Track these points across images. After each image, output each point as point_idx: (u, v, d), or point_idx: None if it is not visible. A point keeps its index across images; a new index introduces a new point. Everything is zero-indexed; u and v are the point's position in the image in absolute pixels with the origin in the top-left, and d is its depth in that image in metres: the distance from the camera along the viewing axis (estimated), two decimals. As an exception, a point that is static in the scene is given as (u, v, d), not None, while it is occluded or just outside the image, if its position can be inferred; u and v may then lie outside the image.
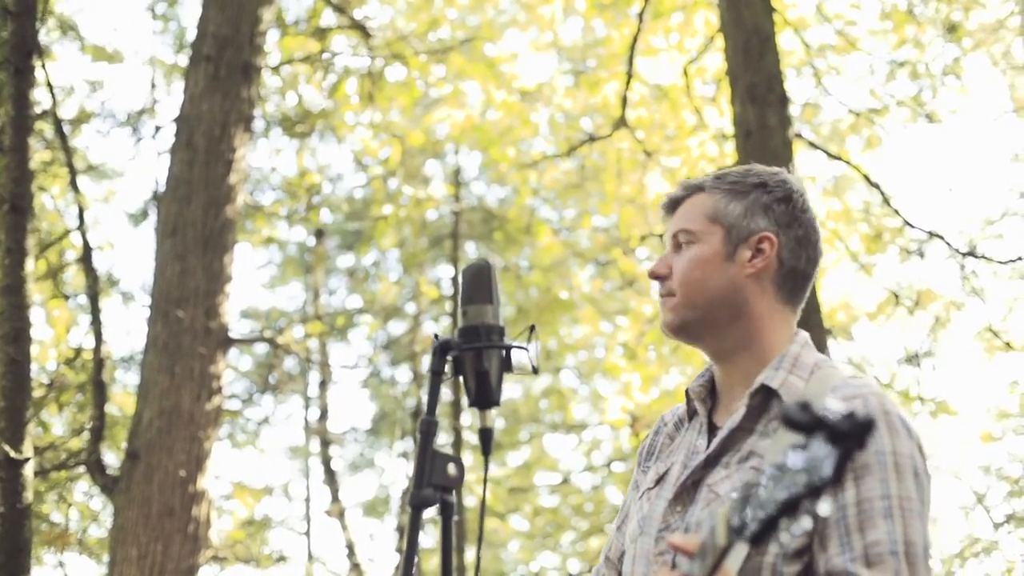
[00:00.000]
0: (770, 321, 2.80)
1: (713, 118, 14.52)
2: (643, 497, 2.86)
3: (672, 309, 2.83)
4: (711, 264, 2.79)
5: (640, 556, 2.74)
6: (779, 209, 2.82)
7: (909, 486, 2.52)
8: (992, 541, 20.03)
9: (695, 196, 2.88)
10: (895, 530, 2.46)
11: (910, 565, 2.44)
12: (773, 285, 2.80)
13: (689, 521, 2.66)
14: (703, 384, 2.89)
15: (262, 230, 15.74)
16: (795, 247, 2.82)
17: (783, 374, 2.71)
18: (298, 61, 13.81)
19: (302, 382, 19.94)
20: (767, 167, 2.90)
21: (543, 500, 22.65)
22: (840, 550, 2.45)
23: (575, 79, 16.83)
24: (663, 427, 3.02)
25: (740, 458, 2.66)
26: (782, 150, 9.89)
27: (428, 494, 2.55)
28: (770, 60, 10.26)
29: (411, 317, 20.51)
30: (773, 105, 10.05)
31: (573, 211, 19.52)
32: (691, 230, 2.83)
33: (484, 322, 2.72)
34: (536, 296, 19.86)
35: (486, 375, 2.69)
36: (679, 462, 2.81)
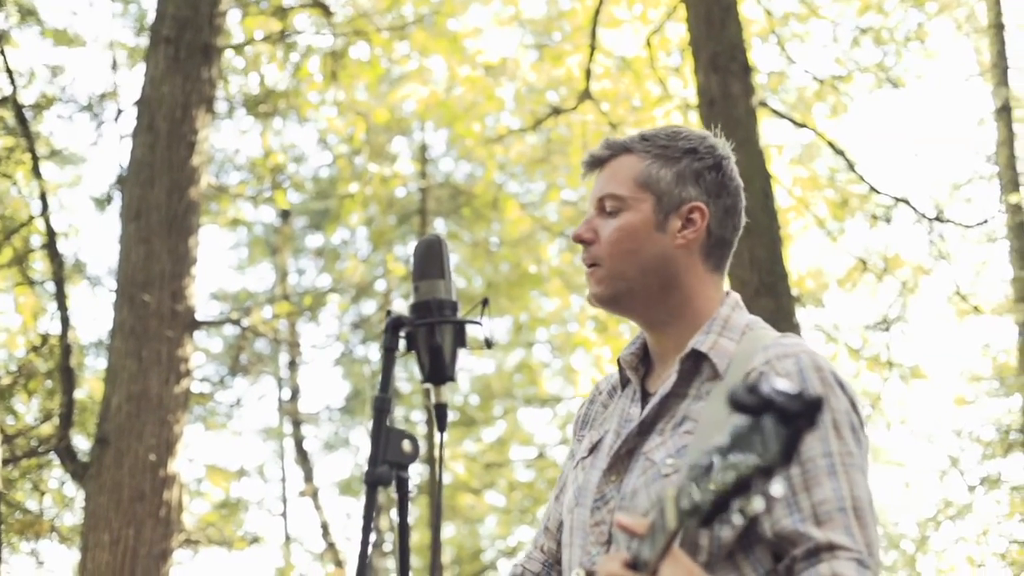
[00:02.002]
0: (701, 289, 2.76)
1: (677, 88, 14.52)
2: (578, 466, 2.83)
3: (600, 281, 2.77)
4: (641, 234, 2.73)
5: (577, 527, 2.73)
6: (710, 177, 2.76)
7: (848, 442, 2.51)
8: (966, 504, 20.14)
9: (622, 157, 2.79)
10: (841, 487, 2.45)
11: (858, 519, 2.44)
12: (701, 255, 2.76)
13: (624, 490, 2.63)
14: (635, 352, 2.85)
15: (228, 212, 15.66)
16: (723, 217, 2.77)
17: (713, 337, 2.69)
18: (260, 41, 13.73)
19: (273, 363, 19.93)
20: (695, 130, 2.83)
21: (519, 475, 22.70)
22: (788, 511, 2.44)
23: (539, 53, 16.80)
24: (598, 396, 2.99)
25: (674, 423, 2.64)
26: (746, 119, 9.91)
27: (383, 471, 2.54)
28: (732, 29, 10.27)
29: (381, 295, 20.50)
30: (736, 74, 10.06)
31: (540, 185, 19.52)
32: (620, 195, 2.75)
33: (436, 297, 2.70)
34: (505, 271, 19.88)
35: (439, 350, 2.67)
36: (612, 430, 2.79)
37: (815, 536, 2.41)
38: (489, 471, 22.02)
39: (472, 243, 19.85)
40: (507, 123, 17.15)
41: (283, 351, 19.81)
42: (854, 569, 2.39)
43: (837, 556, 2.40)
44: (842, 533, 2.42)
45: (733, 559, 2.50)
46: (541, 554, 3.01)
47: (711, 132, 2.85)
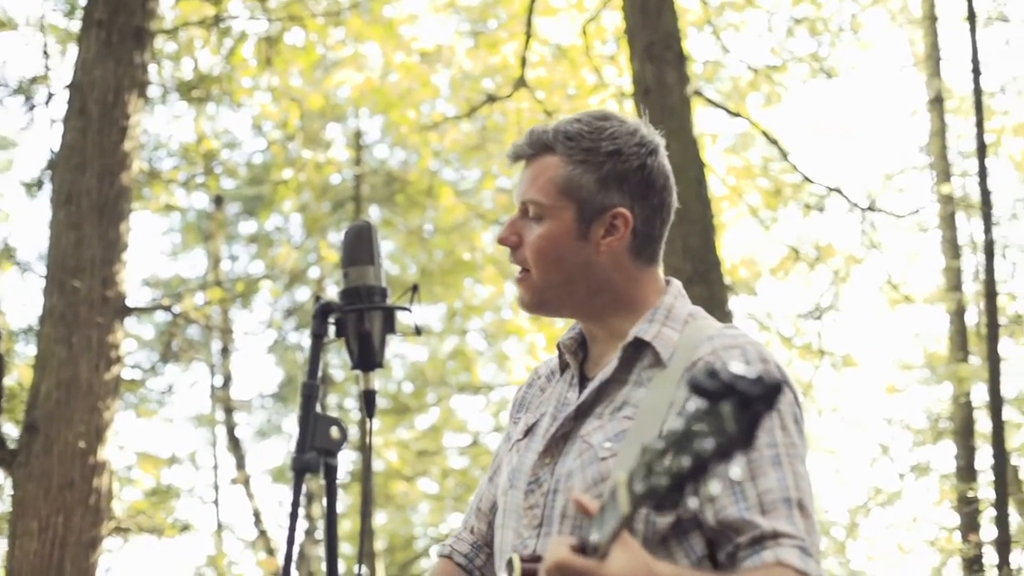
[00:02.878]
0: (633, 286, 2.75)
1: (612, 77, 14.54)
2: (513, 449, 2.83)
3: (528, 289, 2.76)
4: (563, 243, 2.70)
5: (510, 509, 2.73)
6: (635, 180, 2.72)
7: (792, 434, 2.53)
8: (896, 491, 20.32)
9: (545, 157, 2.74)
10: (785, 477, 2.47)
11: (801, 510, 2.46)
12: (630, 255, 2.74)
13: (559, 472, 2.64)
14: (574, 337, 2.86)
15: (160, 197, 15.53)
16: (649, 216, 2.74)
17: (656, 326, 2.69)
18: (193, 25, 13.62)
19: (205, 350, 19.81)
20: (623, 123, 2.77)
21: (452, 462, 22.71)
22: (734, 500, 2.45)
23: (474, 40, 16.78)
24: (536, 380, 2.99)
25: (613, 408, 2.64)
26: (680, 108, 9.94)
27: (311, 458, 2.53)
28: (668, 18, 10.28)
29: (314, 282, 20.42)
30: (671, 63, 10.08)
31: (475, 172, 19.52)
32: (541, 203, 2.72)
33: (366, 283, 2.69)
34: (439, 258, 19.86)
35: (368, 337, 2.66)
36: (548, 414, 2.79)
37: (760, 524, 2.42)
38: (422, 458, 22.01)
39: (406, 230, 19.82)
40: (442, 110, 17.13)
41: (215, 338, 19.69)
42: (797, 556, 2.40)
43: (781, 543, 2.41)
44: (785, 522, 2.43)
45: (666, 545, 2.51)
46: (471, 535, 3.02)
47: (641, 121, 2.80)
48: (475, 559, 2.99)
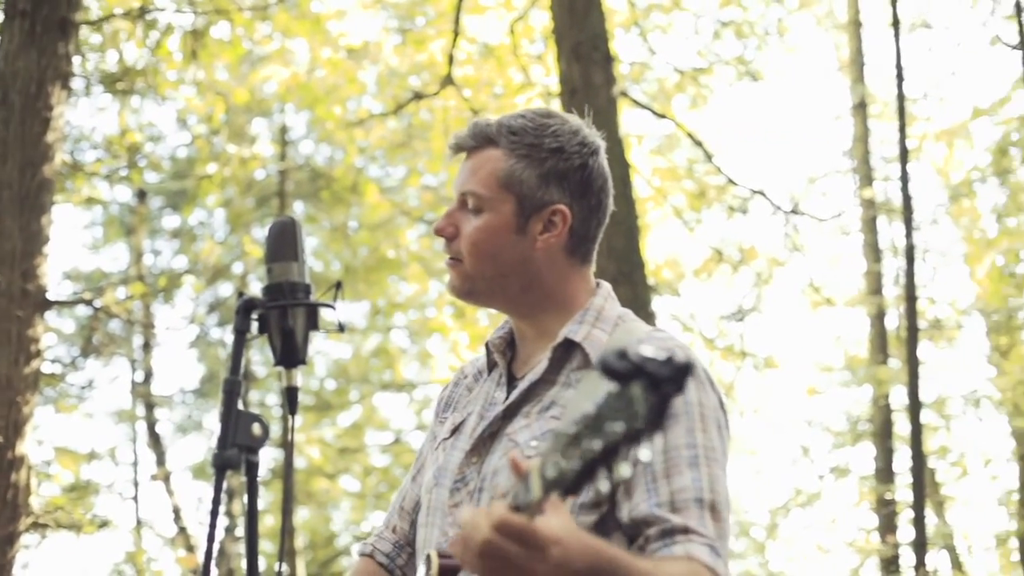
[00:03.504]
0: (565, 284, 2.76)
1: (540, 76, 14.56)
2: (439, 448, 2.83)
3: (460, 276, 2.76)
4: (500, 236, 2.71)
5: (435, 507, 2.72)
6: (575, 178, 2.73)
7: (713, 437, 2.54)
8: (815, 492, 20.48)
9: (487, 150, 2.75)
10: (700, 478, 2.47)
11: (713, 512, 2.46)
12: (565, 253, 2.74)
13: (485, 471, 2.64)
14: (503, 336, 2.85)
15: (83, 190, 15.36)
16: (587, 216, 2.75)
17: (587, 327, 2.70)
18: (119, 17, 13.49)
19: (126, 345, 19.63)
20: (566, 122, 2.77)
21: (374, 460, 22.66)
22: (647, 496, 2.46)
23: (402, 37, 16.73)
24: (463, 379, 2.98)
25: (541, 408, 2.65)
26: (607, 108, 9.96)
27: (232, 455, 2.51)
28: (595, 18, 10.31)
29: (238, 277, 20.31)
30: (598, 63, 10.11)
31: (401, 170, 19.46)
32: (481, 195, 2.72)
33: (289, 279, 2.68)
34: (364, 255, 19.80)
35: (292, 333, 2.65)
36: (475, 413, 2.79)
37: (671, 519, 2.43)
38: (344, 456, 21.94)
39: (331, 227, 19.74)
40: (368, 107, 17.08)
41: (137, 332, 19.52)
42: (707, 553, 2.40)
43: (691, 539, 2.41)
44: (696, 522, 2.43)
45: None
46: (392, 534, 3.00)
47: (584, 122, 2.80)
48: (397, 558, 2.97)
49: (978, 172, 19.82)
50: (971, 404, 19.94)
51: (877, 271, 19.36)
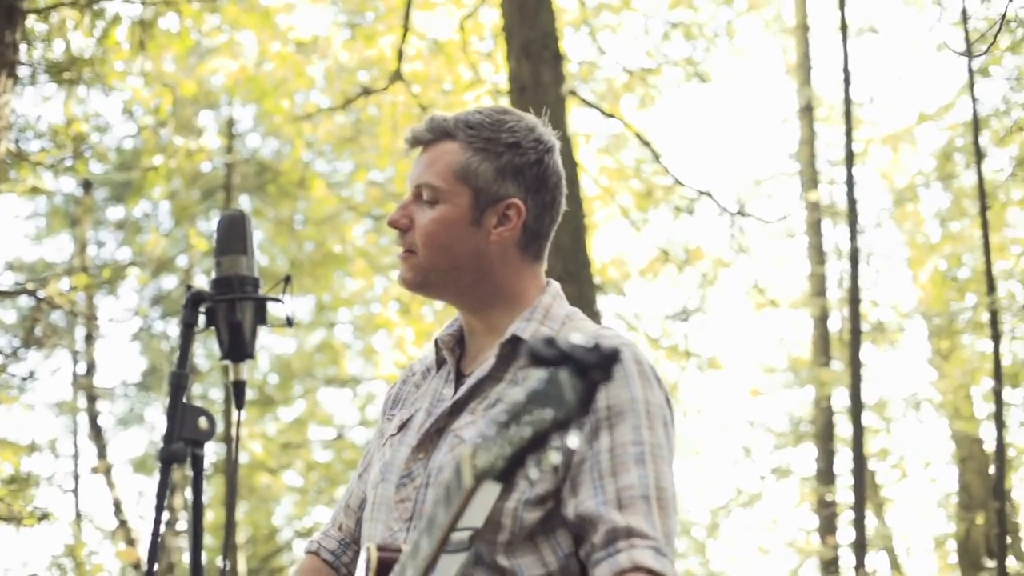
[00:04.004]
0: (517, 280, 2.77)
1: (489, 73, 14.55)
2: (386, 444, 2.83)
3: (412, 268, 2.76)
4: (455, 228, 2.72)
5: (381, 503, 2.72)
6: (530, 173, 2.75)
7: (660, 434, 2.55)
8: (757, 493, 20.58)
9: (444, 143, 2.76)
10: (647, 475, 2.48)
11: (660, 509, 2.47)
12: (517, 249, 2.76)
13: (431, 467, 2.65)
14: (452, 333, 2.86)
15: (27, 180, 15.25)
16: (541, 212, 2.77)
17: (535, 325, 2.71)
18: (66, 6, 13.39)
19: (69, 336, 19.49)
20: (522, 119, 2.79)
21: (317, 455, 22.59)
22: (593, 493, 2.47)
23: (351, 32, 16.69)
24: (411, 376, 2.98)
25: (487, 405, 2.65)
26: (556, 107, 9.98)
27: (178, 448, 2.50)
28: (545, 17, 10.33)
29: (182, 270, 20.20)
30: (548, 62, 10.13)
31: (348, 165, 19.42)
32: (437, 187, 2.73)
33: (238, 273, 2.67)
34: (310, 250, 19.75)
35: (239, 327, 2.65)
36: (423, 409, 2.79)
37: (615, 520, 2.44)
38: (287, 451, 21.87)
39: (277, 220, 19.67)
40: (317, 101, 17.03)
41: (80, 324, 19.38)
42: (652, 557, 2.41)
43: (635, 544, 2.42)
44: (643, 519, 2.44)
45: (534, 540, 2.52)
46: (338, 532, 3.00)
47: (539, 120, 2.82)
48: (342, 556, 2.97)
49: (922, 177, 19.97)
50: (912, 407, 20.09)
51: (821, 273, 19.47)
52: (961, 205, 19.54)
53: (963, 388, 19.17)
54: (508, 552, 2.50)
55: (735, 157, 25.71)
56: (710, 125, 27.55)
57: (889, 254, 20.67)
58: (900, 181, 20.54)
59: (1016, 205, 17.88)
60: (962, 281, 19.50)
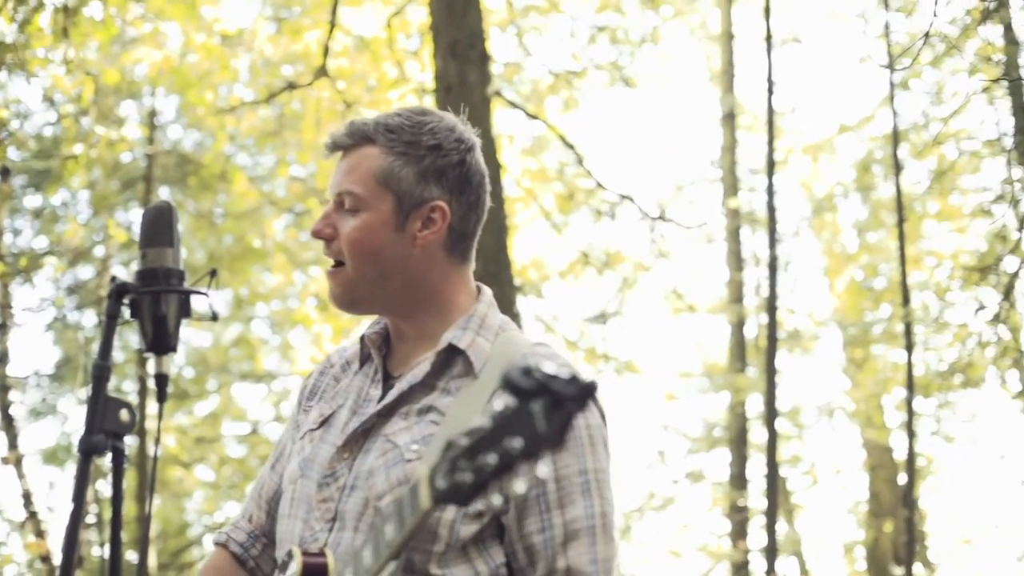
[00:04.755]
0: (446, 284, 2.76)
1: (414, 72, 14.53)
2: (304, 438, 2.81)
3: (341, 283, 2.75)
4: (380, 235, 2.70)
5: (300, 500, 2.70)
6: (453, 175, 2.74)
7: (601, 458, 2.58)
8: (670, 497, 20.71)
9: (364, 148, 2.74)
10: (593, 504, 2.52)
11: (604, 534, 2.52)
12: (444, 251, 2.75)
13: (359, 470, 2.63)
14: (379, 332, 2.85)
15: (-55, 164, 15.07)
16: (466, 212, 2.76)
17: (471, 335, 2.70)
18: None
19: (-18, 324, 19.28)
20: (442, 119, 2.79)
21: (230, 450, 22.46)
22: (540, 527, 2.50)
23: (277, 25, 16.61)
24: (329, 368, 2.97)
25: (419, 411, 2.64)
26: (481, 107, 9.98)
27: (99, 440, 2.47)
28: (473, 17, 10.33)
29: (99, 260, 20.02)
30: (474, 62, 10.13)
31: (270, 159, 19.32)
32: (359, 195, 2.71)
33: (164, 265, 2.65)
34: (229, 244, 19.63)
35: (164, 320, 2.62)
36: (347, 407, 2.78)
37: (558, 563, 2.48)
38: (200, 445, 21.72)
39: (197, 213, 19.53)
40: (240, 94, 16.92)
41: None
42: None
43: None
44: (585, 556, 2.49)
45: (467, 552, 2.53)
46: (248, 524, 2.98)
47: (459, 119, 2.82)
48: (251, 548, 2.95)
49: (841, 187, 20.18)
50: (825, 415, 20.29)
51: (739, 280, 19.62)
52: (879, 216, 19.77)
53: (875, 397, 19.40)
54: (441, 562, 2.51)
55: (657, 162, 25.89)
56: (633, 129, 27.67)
57: (806, 262, 20.89)
58: (819, 191, 20.74)
59: (932, 218, 18.10)
60: (877, 291, 19.73)
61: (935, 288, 17.72)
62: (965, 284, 15.76)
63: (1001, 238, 13.91)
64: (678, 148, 29.39)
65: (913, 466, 14.69)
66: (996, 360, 14.79)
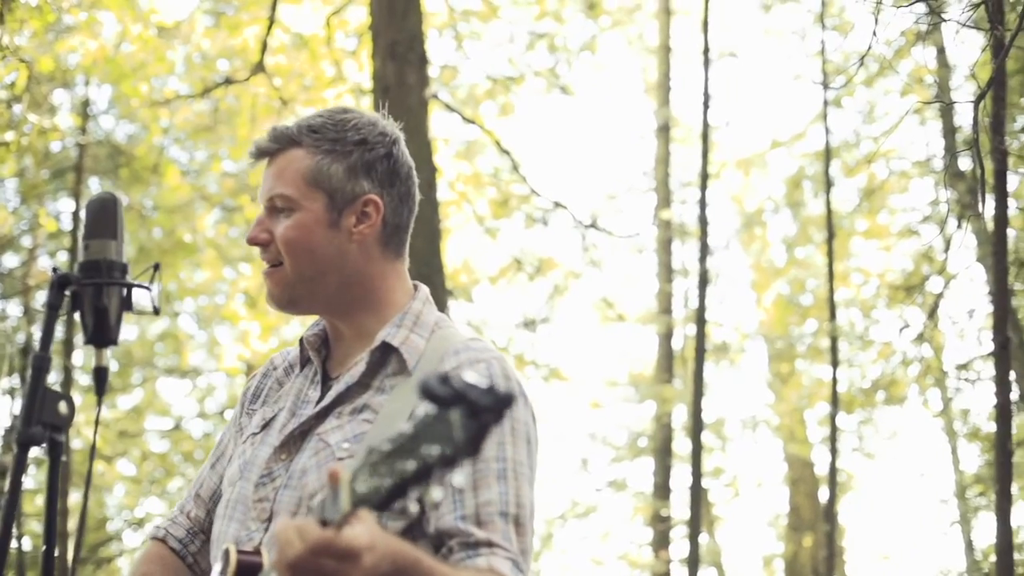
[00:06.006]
0: (383, 280, 2.78)
1: (352, 72, 14.51)
2: (246, 441, 2.82)
3: (279, 283, 2.76)
4: (315, 233, 2.71)
5: (238, 500, 2.71)
6: (382, 168, 2.76)
7: (522, 452, 2.58)
8: (592, 505, 20.76)
9: (290, 151, 2.76)
10: (507, 492, 2.51)
11: (518, 526, 2.50)
12: (379, 245, 2.77)
13: (293, 469, 2.64)
14: (317, 333, 2.86)
15: None
16: (398, 205, 2.78)
17: (405, 332, 2.72)
18: (-78, -26, 13.09)
19: (-96, 310, 19.05)
20: (364, 115, 2.81)
21: (153, 445, 22.29)
22: (452, 508, 2.48)
23: (216, 19, 16.51)
24: (272, 370, 2.98)
25: (353, 410, 2.66)
26: (418, 109, 10.00)
27: (36, 432, 2.45)
28: (413, 19, 10.34)
29: (26, 250, 19.83)
30: (413, 64, 10.13)
31: (203, 153, 19.20)
32: (290, 196, 2.72)
33: (107, 258, 2.63)
34: (159, 237, 19.47)
35: (105, 312, 2.60)
36: (287, 409, 2.79)
37: (475, 534, 2.46)
38: (122, 439, 21.55)
39: (127, 206, 19.38)
40: (175, 87, 16.81)
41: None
42: (509, 568, 2.45)
43: (495, 552, 2.45)
44: (500, 536, 2.47)
45: None
46: (187, 520, 2.97)
47: (379, 115, 2.84)
48: (190, 545, 2.94)
49: (772, 202, 20.33)
50: (749, 427, 20.43)
51: (668, 291, 19.71)
52: (807, 232, 19.95)
53: (798, 412, 19.55)
54: None
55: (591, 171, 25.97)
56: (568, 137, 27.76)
57: (734, 276, 21.03)
58: (750, 205, 20.88)
59: (861, 236, 18.28)
60: (804, 307, 19.89)
61: (861, 305, 17.90)
62: (891, 302, 15.95)
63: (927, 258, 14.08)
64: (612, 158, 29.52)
65: (835, 481, 14.82)
66: (919, 378, 14.97)
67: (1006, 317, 5.84)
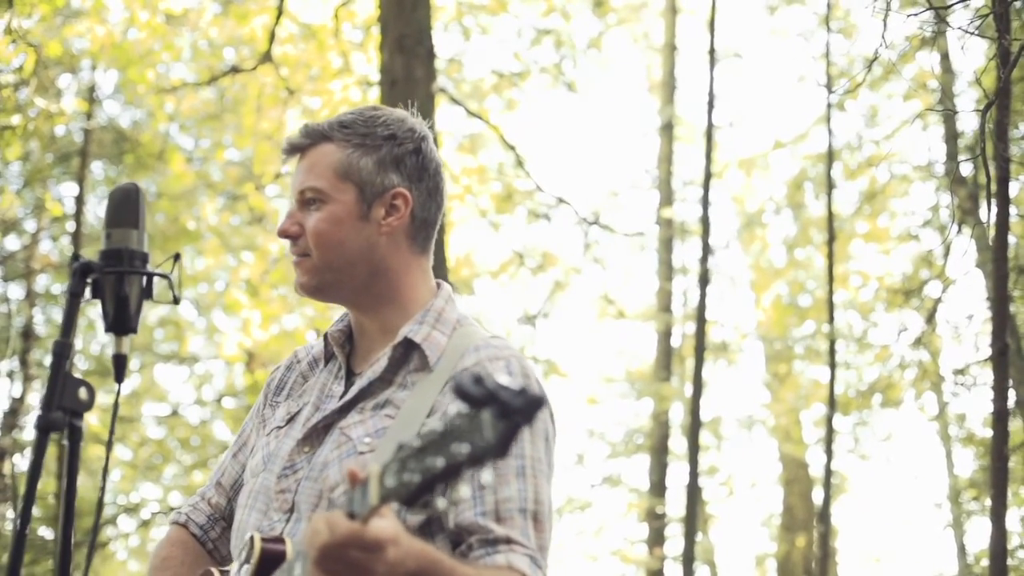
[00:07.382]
0: (408, 275, 2.82)
1: (359, 64, 14.52)
2: (271, 434, 2.86)
3: (308, 271, 2.81)
4: (345, 225, 2.76)
5: (260, 491, 2.76)
6: (410, 162, 2.81)
7: (540, 449, 2.63)
8: (587, 501, 20.77)
9: (322, 146, 2.81)
10: (526, 489, 2.55)
11: (536, 523, 2.55)
12: (407, 239, 2.81)
13: (315, 461, 2.69)
14: (342, 329, 2.90)
15: None
16: (426, 199, 2.83)
17: (427, 329, 2.75)
18: (-71, -43, 13.09)
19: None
20: (392, 112, 2.87)
21: (149, 431, 22.30)
22: (472, 504, 2.52)
23: (224, 8, 16.51)
24: (296, 364, 3.02)
25: (375, 405, 2.70)
26: (425, 103, 10.00)
27: (57, 417, 2.49)
28: (422, 13, 10.35)
29: (29, 234, 19.82)
30: (421, 57, 10.14)
31: (208, 141, 19.21)
32: (321, 189, 2.77)
33: (128, 247, 2.67)
34: (162, 223, 19.48)
35: (126, 301, 2.64)
36: (311, 403, 2.83)
37: (494, 530, 2.50)
38: (120, 424, 21.56)
39: (130, 192, 19.36)
40: (182, 75, 16.82)
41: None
42: (528, 564, 2.48)
43: (514, 549, 2.49)
44: (519, 532, 2.51)
45: None
46: (208, 507, 3.02)
47: (408, 112, 2.89)
48: (211, 531, 2.99)
49: (773, 203, 20.33)
50: (745, 427, 20.44)
51: (668, 290, 19.71)
52: (808, 234, 19.94)
53: (794, 412, 19.55)
54: None
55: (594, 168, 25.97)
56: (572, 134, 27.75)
57: (734, 276, 21.03)
58: (751, 205, 20.89)
59: (861, 238, 18.29)
60: (803, 308, 19.89)
61: (859, 308, 17.92)
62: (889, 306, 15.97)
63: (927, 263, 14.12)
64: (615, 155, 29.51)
65: (830, 482, 14.83)
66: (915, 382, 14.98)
67: (1005, 323, 5.87)
